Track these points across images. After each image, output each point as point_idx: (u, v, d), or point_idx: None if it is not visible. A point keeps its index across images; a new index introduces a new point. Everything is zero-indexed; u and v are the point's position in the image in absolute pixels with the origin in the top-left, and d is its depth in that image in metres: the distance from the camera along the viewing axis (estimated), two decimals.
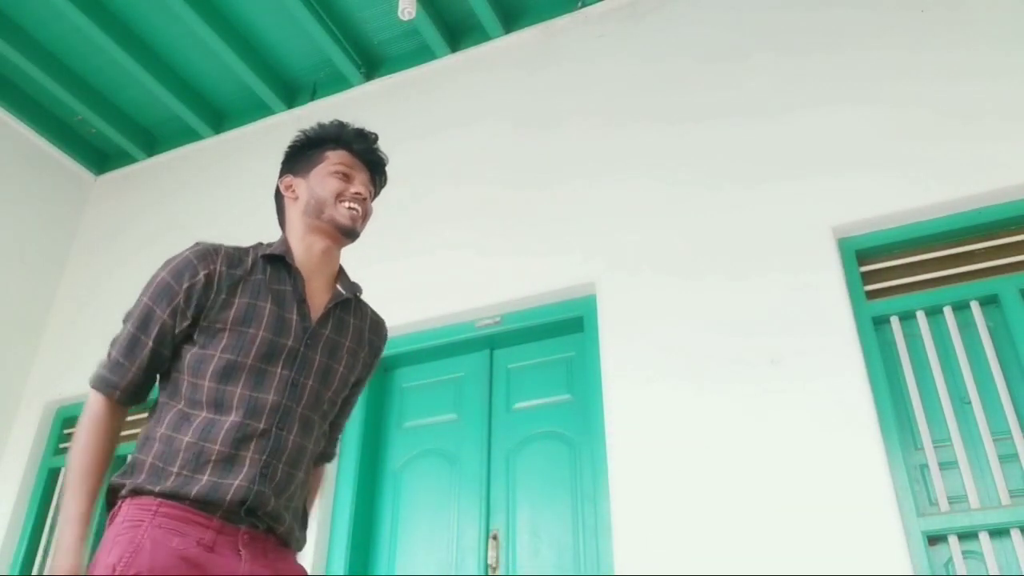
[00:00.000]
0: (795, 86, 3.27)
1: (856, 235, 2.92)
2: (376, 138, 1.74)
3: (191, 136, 4.77)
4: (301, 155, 1.72)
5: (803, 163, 3.09)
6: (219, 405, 1.45)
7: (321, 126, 1.72)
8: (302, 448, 1.52)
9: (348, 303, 1.68)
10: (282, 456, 1.47)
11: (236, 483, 1.40)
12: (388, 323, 1.82)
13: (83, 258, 4.77)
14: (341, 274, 1.71)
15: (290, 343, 1.53)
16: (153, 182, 4.84)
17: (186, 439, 1.43)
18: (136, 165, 4.96)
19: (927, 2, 3.20)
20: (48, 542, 3.97)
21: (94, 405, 1.49)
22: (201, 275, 1.52)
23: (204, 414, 1.45)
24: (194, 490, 1.38)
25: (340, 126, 1.72)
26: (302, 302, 1.58)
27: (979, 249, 2.78)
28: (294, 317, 1.56)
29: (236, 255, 1.59)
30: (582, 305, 3.26)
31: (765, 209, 3.06)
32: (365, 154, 1.71)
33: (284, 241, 1.65)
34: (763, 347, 2.81)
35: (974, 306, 2.69)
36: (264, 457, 1.44)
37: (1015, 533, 2.35)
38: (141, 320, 1.52)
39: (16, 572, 3.89)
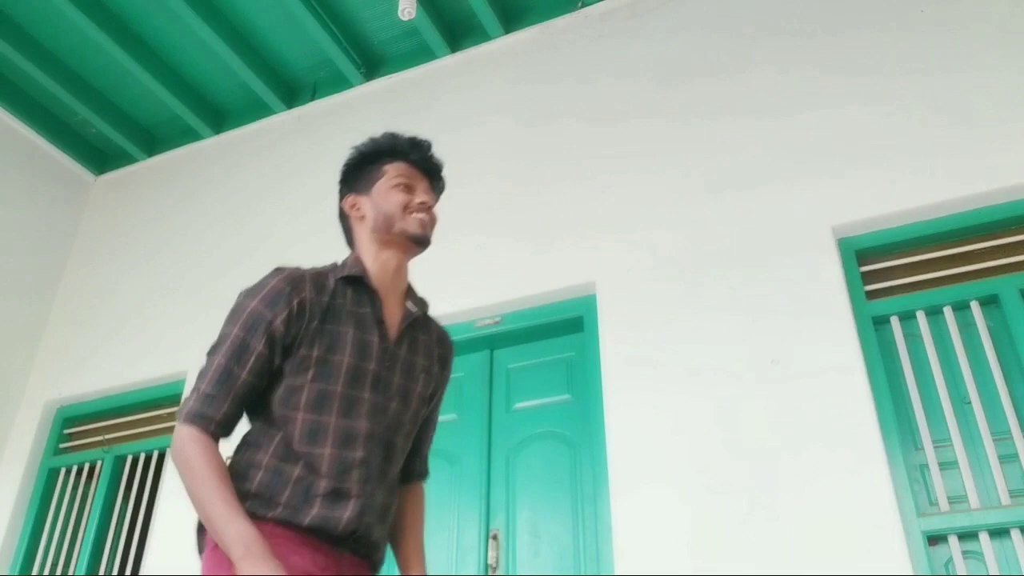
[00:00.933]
0: (795, 87, 3.27)
1: (856, 235, 2.92)
2: (430, 145, 1.73)
3: (191, 136, 4.77)
4: (359, 172, 1.69)
5: (803, 163, 3.09)
6: (315, 436, 1.44)
7: (374, 140, 1.70)
8: (389, 472, 1.53)
9: (417, 320, 1.67)
10: (378, 483, 1.48)
11: (346, 516, 1.41)
12: None
13: (83, 258, 4.77)
14: (410, 290, 1.70)
15: (372, 366, 1.52)
16: (153, 182, 4.84)
17: (296, 471, 1.41)
18: (136, 165, 4.97)
19: (927, 1, 3.20)
20: (48, 542, 3.97)
21: (192, 437, 1.39)
22: (295, 303, 1.48)
23: (304, 446, 1.43)
24: (306, 520, 1.39)
25: (393, 138, 1.70)
26: (380, 323, 1.57)
27: (979, 249, 2.78)
28: (375, 339, 1.54)
29: (320, 279, 1.55)
30: (582, 305, 3.26)
31: (765, 209, 3.06)
32: (422, 163, 1.70)
33: (358, 260, 1.62)
34: (763, 347, 2.81)
35: (974, 306, 2.69)
36: (367, 487, 1.45)
37: (1015, 533, 2.35)
38: (234, 351, 1.45)
39: (16, 572, 3.89)
